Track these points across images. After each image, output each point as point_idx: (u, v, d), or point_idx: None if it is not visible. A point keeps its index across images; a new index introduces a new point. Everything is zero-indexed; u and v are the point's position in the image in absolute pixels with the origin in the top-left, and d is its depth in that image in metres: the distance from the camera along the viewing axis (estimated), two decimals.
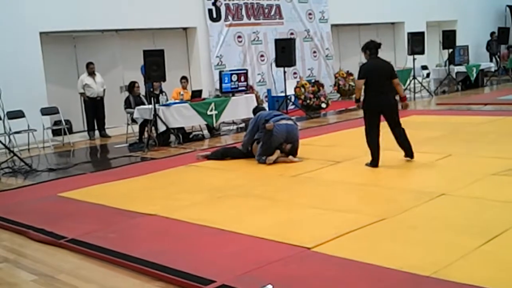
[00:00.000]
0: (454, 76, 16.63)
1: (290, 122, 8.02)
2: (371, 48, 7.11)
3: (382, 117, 7.10)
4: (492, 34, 20.24)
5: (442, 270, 3.73)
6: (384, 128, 7.12)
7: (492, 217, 4.80)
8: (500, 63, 19.83)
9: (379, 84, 6.95)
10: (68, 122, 11.85)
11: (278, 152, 7.77)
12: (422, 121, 10.67)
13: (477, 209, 5.12)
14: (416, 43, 15.46)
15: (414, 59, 15.49)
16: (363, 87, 7.04)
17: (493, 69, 18.55)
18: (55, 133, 11.66)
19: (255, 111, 8.63)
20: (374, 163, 7.08)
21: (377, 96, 6.96)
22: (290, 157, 7.79)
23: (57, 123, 11.54)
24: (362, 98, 7.22)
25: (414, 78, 15.57)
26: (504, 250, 4.06)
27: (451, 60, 16.52)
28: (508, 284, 3.47)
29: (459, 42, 16.67)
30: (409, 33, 15.79)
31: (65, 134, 11.27)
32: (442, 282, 3.58)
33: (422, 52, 15.61)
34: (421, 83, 16.01)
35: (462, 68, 16.64)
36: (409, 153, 7.23)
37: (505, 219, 4.68)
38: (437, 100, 14.81)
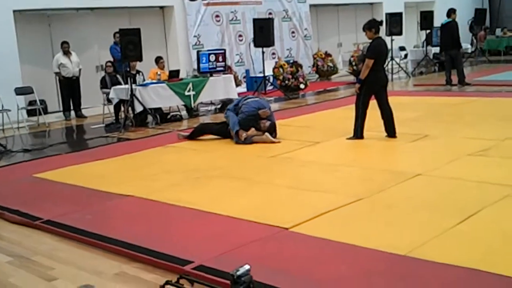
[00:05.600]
0: (431, 57, 16.73)
1: (257, 98, 8.35)
2: (377, 26, 7.34)
3: None
4: None
5: (418, 249, 3.77)
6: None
7: (467, 197, 4.86)
8: (477, 44, 19.98)
9: (384, 62, 7.53)
10: (43, 102, 11.67)
11: (253, 129, 7.77)
12: (400, 102, 10.68)
13: (452, 189, 5.18)
14: (394, 24, 15.47)
15: (392, 40, 15.50)
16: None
17: (469, 51, 18.71)
18: (30, 113, 11.50)
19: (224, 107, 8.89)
20: (360, 135, 7.41)
21: (383, 71, 7.50)
22: (267, 134, 7.76)
23: (32, 103, 11.36)
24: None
25: (392, 59, 15.61)
26: (478, 230, 4.12)
27: (428, 41, 16.60)
28: (482, 263, 3.52)
29: (437, 23, 16.73)
30: (387, 14, 15.79)
31: (40, 114, 11.11)
32: (417, 261, 3.62)
33: (400, 33, 15.64)
34: (398, 64, 16.08)
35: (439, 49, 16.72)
36: (393, 132, 7.41)
37: (480, 199, 4.74)
38: (414, 81, 14.91)
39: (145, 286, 3.65)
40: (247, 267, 3.17)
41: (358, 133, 7.44)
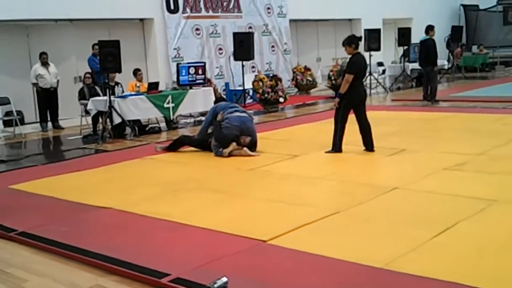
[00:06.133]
0: (408, 73, 16.96)
1: (244, 114, 8.07)
2: (356, 42, 7.43)
3: None
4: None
5: (395, 262, 3.80)
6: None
7: (443, 210, 4.92)
8: (454, 60, 20.30)
9: (363, 77, 7.72)
10: (19, 113, 11.54)
11: (234, 144, 7.76)
12: (377, 116, 10.80)
13: (428, 202, 5.24)
14: (373, 40, 15.67)
15: (370, 56, 15.68)
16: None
17: (446, 67, 19.00)
18: (6, 124, 11.35)
19: (215, 102, 8.73)
20: (339, 149, 7.47)
21: (362, 86, 7.63)
22: (245, 149, 7.77)
23: (8, 113, 11.23)
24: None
25: (370, 74, 15.79)
26: (454, 243, 4.17)
27: (406, 57, 16.83)
28: (459, 275, 3.56)
29: (414, 39, 16.99)
30: (365, 30, 15.99)
31: (16, 125, 10.97)
32: (394, 273, 3.65)
33: (378, 48, 15.84)
34: (376, 79, 16.26)
35: (416, 65, 16.94)
36: (371, 146, 7.48)
37: (455, 212, 4.80)
38: (392, 96, 15.09)
39: None
40: (224, 279, 3.18)
41: (337, 147, 7.50)
